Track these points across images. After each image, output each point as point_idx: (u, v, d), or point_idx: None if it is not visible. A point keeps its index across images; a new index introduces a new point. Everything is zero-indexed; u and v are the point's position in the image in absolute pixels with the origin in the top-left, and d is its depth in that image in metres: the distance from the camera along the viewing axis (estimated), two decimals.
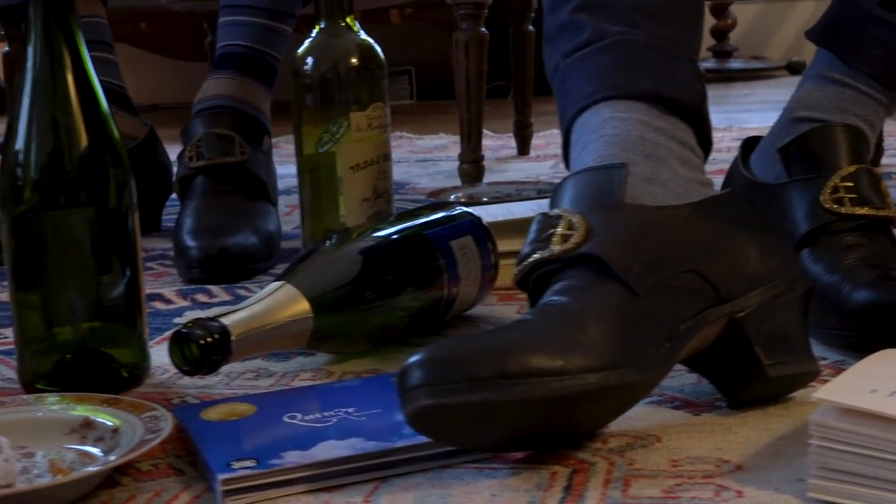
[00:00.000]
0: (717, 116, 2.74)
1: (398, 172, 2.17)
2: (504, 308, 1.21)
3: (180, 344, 0.95)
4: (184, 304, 1.29)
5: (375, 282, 1.05)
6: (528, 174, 2.09)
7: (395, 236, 1.08)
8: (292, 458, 0.80)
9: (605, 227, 0.84)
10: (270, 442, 0.83)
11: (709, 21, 3.49)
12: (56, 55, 0.98)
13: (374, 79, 1.19)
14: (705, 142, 0.97)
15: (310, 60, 1.18)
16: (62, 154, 0.98)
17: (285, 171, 1.80)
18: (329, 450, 0.81)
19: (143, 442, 0.81)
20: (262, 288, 1.33)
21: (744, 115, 2.77)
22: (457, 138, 2.55)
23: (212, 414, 0.89)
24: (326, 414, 0.88)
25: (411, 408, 0.76)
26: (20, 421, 0.88)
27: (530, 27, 2.26)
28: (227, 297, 1.31)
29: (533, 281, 0.87)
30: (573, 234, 0.84)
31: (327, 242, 1.07)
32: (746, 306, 0.86)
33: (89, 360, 1.01)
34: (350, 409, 0.88)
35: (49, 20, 0.98)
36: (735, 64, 3.39)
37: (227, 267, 1.38)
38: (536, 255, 0.85)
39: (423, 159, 2.31)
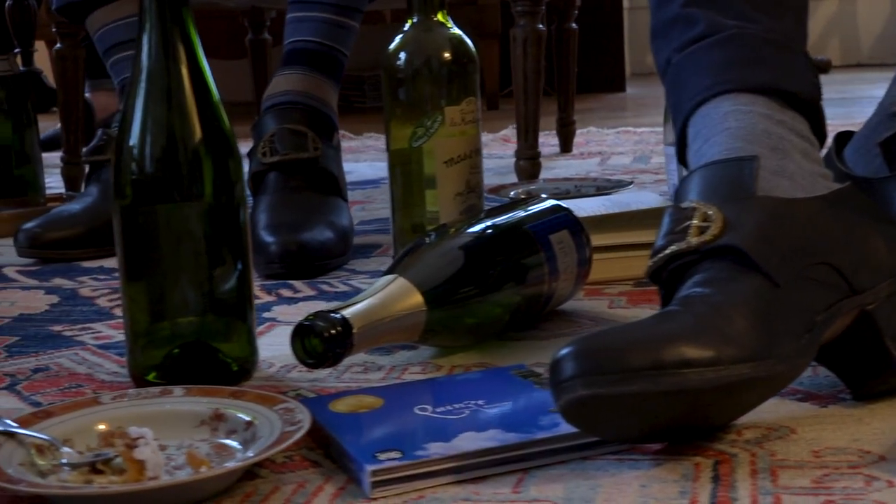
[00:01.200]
0: None
1: None
2: (595, 303, 1.21)
3: (302, 337, 0.95)
4: (269, 299, 1.29)
5: (483, 275, 1.05)
6: (576, 171, 2.09)
7: (497, 231, 1.08)
8: (436, 449, 0.80)
9: (741, 219, 0.84)
10: (411, 434, 0.83)
11: None
12: (170, 48, 0.98)
13: (466, 73, 1.19)
14: (820, 135, 0.97)
15: (402, 55, 1.18)
16: (177, 147, 0.98)
17: None
18: (471, 441, 0.81)
19: (286, 434, 0.81)
20: (340, 283, 1.34)
21: None
22: (492, 136, 2.56)
23: (340, 406, 0.89)
24: (457, 406, 0.88)
25: (567, 398, 0.76)
26: (147, 413, 0.88)
27: (573, 25, 2.27)
28: (310, 293, 1.31)
29: (668, 273, 0.87)
30: (710, 226, 0.84)
31: (428, 238, 1.07)
32: (877, 298, 0.87)
33: (198, 353, 1.01)
34: (480, 402, 0.89)
35: (164, 13, 0.98)
36: None
37: (306, 262, 1.38)
38: (673, 248, 0.85)
39: None
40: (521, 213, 1.13)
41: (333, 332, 0.94)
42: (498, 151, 2.36)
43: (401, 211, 1.21)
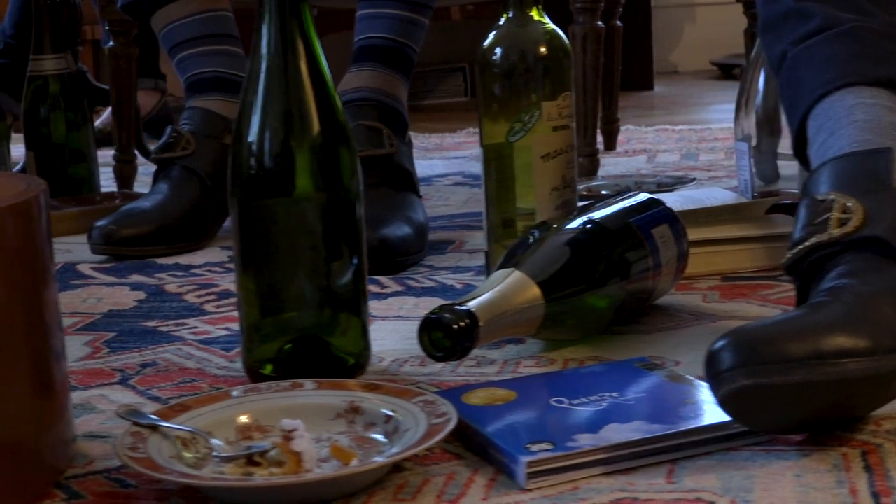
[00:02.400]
0: None
1: None
2: (687, 298, 1.21)
3: (429, 330, 0.95)
4: None
5: (595, 269, 1.05)
6: (625, 168, 2.09)
7: (605, 225, 1.09)
8: (585, 441, 0.80)
9: (881, 211, 0.85)
10: (558, 425, 0.83)
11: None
12: (289, 43, 0.98)
13: (562, 68, 1.19)
14: None
15: (498, 51, 1.19)
16: (295, 142, 0.98)
17: None
18: (619, 433, 0.81)
19: (436, 426, 0.81)
20: (424, 279, 1.34)
21: None
22: None
23: (474, 399, 0.89)
24: (593, 398, 0.88)
25: (728, 388, 0.76)
26: (283, 407, 0.88)
27: (618, 22, 2.27)
28: (398, 288, 1.31)
29: (807, 265, 0.87)
30: (850, 218, 0.85)
31: (532, 235, 1.07)
32: None
33: (312, 347, 1.01)
34: (614, 394, 0.89)
35: (283, 8, 0.98)
36: None
37: (388, 258, 1.38)
38: (814, 239, 0.86)
39: None
40: (622, 208, 1.13)
41: (462, 324, 0.94)
42: None
43: (496, 205, 1.21)
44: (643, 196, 1.18)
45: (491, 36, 1.20)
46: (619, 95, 2.30)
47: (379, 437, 0.84)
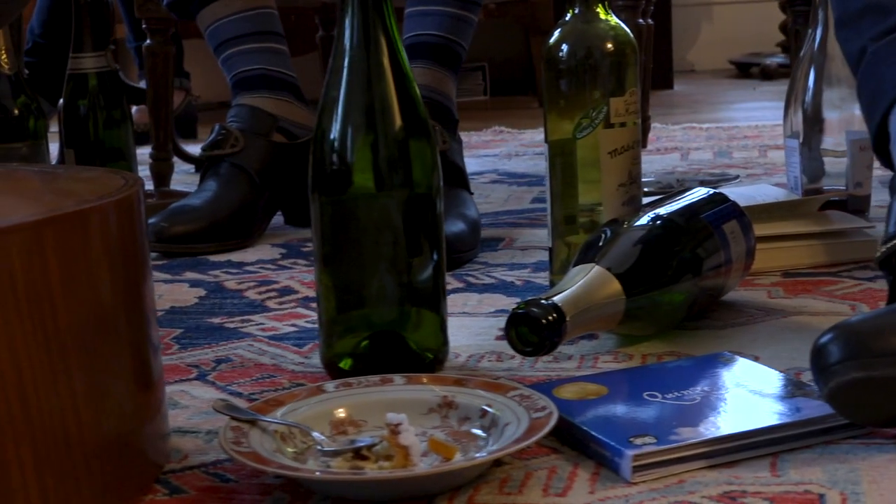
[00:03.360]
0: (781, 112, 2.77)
1: (524, 166, 2.18)
2: (751, 293, 1.22)
3: (515, 325, 0.95)
4: None
5: (671, 264, 1.05)
6: (661, 166, 2.10)
7: (679, 221, 1.09)
8: (687, 434, 0.80)
9: None
10: (658, 419, 0.83)
11: (779, 17, 3.50)
12: (372, 38, 0.98)
13: (629, 64, 1.19)
14: None
15: (565, 47, 1.18)
16: (378, 137, 0.98)
17: None
18: (718, 426, 0.81)
19: (539, 420, 0.81)
20: (483, 275, 1.34)
21: None
22: None
23: (566, 393, 0.89)
24: (685, 392, 0.88)
25: (837, 381, 0.76)
26: (374, 402, 0.88)
27: (649, 21, 2.27)
28: (458, 284, 1.31)
29: None
30: None
31: (605, 232, 1.07)
32: None
33: (389, 343, 1.01)
34: (706, 388, 0.89)
35: (366, 3, 0.98)
36: None
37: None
38: None
39: (542, 153, 2.31)
40: (692, 204, 1.14)
41: (550, 318, 0.94)
42: None
43: (561, 201, 1.21)
44: (707, 191, 1.18)
45: (556, 33, 1.20)
46: (649, 93, 2.31)
47: (478, 431, 0.84)
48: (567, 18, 1.21)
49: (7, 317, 0.68)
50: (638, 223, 1.08)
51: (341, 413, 0.86)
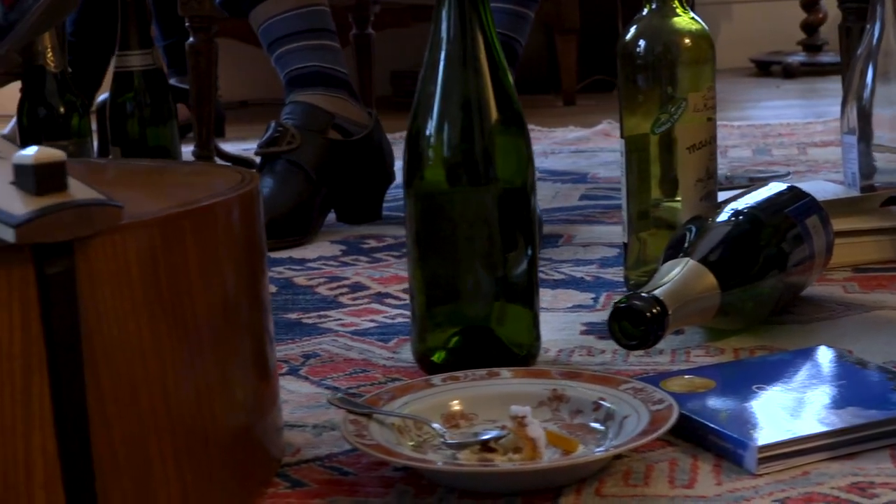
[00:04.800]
0: (809, 110, 2.78)
1: (563, 164, 2.18)
2: (827, 289, 1.22)
3: (618, 320, 0.95)
4: None
5: (764, 259, 1.05)
6: None
7: (766, 215, 1.09)
8: (808, 426, 0.81)
9: None
10: (774, 411, 0.84)
11: (799, 15, 3.51)
12: (468, 32, 0.98)
13: (707, 60, 1.19)
14: None
15: (642, 43, 1.19)
16: (474, 132, 0.98)
17: None
18: (837, 418, 0.82)
19: (660, 412, 0.81)
20: (551, 271, 1.34)
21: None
22: (584, 132, 2.55)
23: (673, 386, 0.89)
24: (794, 385, 0.89)
25: None
26: (484, 395, 0.88)
27: None
28: None
29: None
30: None
31: (690, 228, 1.07)
32: None
33: (481, 338, 1.01)
34: (814, 381, 0.89)
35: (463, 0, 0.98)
36: (825, 58, 3.41)
37: None
38: None
39: (578, 150, 2.32)
40: (772, 198, 1.14)
41: (654, 311, 0.94)
42: (602, 145, 2.37)
43: (636, 197, 1.21)
44: (785, 186, 1.18)
45: (632, 29, 1.20)
46: None
47: (596, 425, 0.84)
48: (643, 14, 1.21)
49: (152, 309, 0.69)
50: (723, 219, 1.08)
51: (456, 406, 0.87)
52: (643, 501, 0.76)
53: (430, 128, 0.98)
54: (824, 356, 0.95)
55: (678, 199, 1.19)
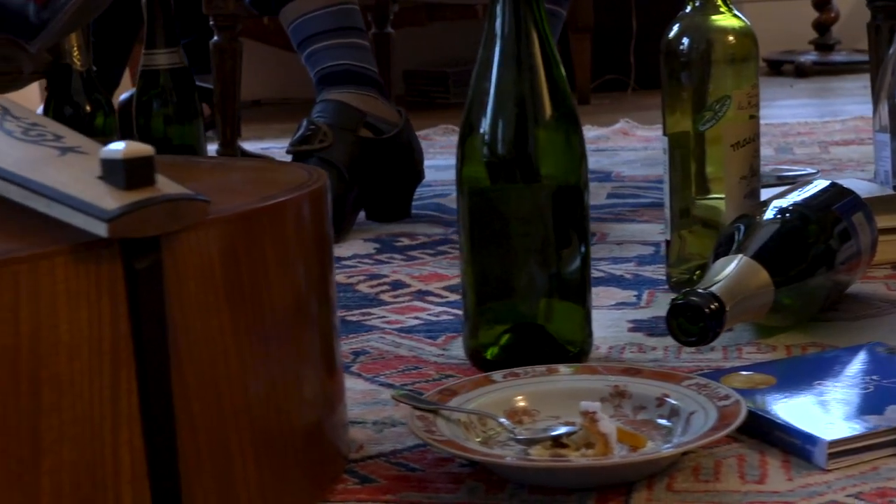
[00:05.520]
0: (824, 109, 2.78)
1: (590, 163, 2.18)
2: (870, 286, 1.22)
3: (676, 315, 0.95)
4: None
5: (814, 256, 1.06)
6: None
7: (815, 212, 1.09)
8: (875, 422, 0.81)
9: None
10: (839, 407, 0.84)
11: (811, 14, 3.51)
12: (523, 28, 0.98)
13: (750, 57, 1.19)
14: None
15: (685, 41, 1.19)
16: (529, 129, 0.98)
17: None
18: None
19: (729, 408, 0.81)
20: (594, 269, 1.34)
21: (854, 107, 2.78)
22: (603, 130, 2.55)
23: (734, 383, 0.89)
24: (855, 381, 0.89)
25: None
26: (546, 392, 0.89)
27: None
28: None
29: None
30: None
31: (739, 226, 1.07)
32: None
33: (532, 334, 1.01)
34: (874, 377, 0.89)
35: None
36: (838, 57, 3.42)
37: None
38: None
39: (599, 149, 2.31)
40: (819, 195, 1.14)
41: (713, 307, 0.94)
42: (621, 144, 2.37)
43: (679, 193, 1.21)
44: (829, 183, 1.18)
45: (676, 26, 1.20)
46: None
47: (663, 421, 0.84)
48: (687, 11, 1.21)
49: (233, 305, 0.69)
50: (771, 216, 1.09)
51: (521, 402, 0.87)
52: (716, 497, 0.76)
53: (485, 125, 0.98)
54: (878, 353, 0.95)
55: (714, 196, 1.19)
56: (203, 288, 0.67)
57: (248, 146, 2.36)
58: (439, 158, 2.24)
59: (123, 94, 2.39)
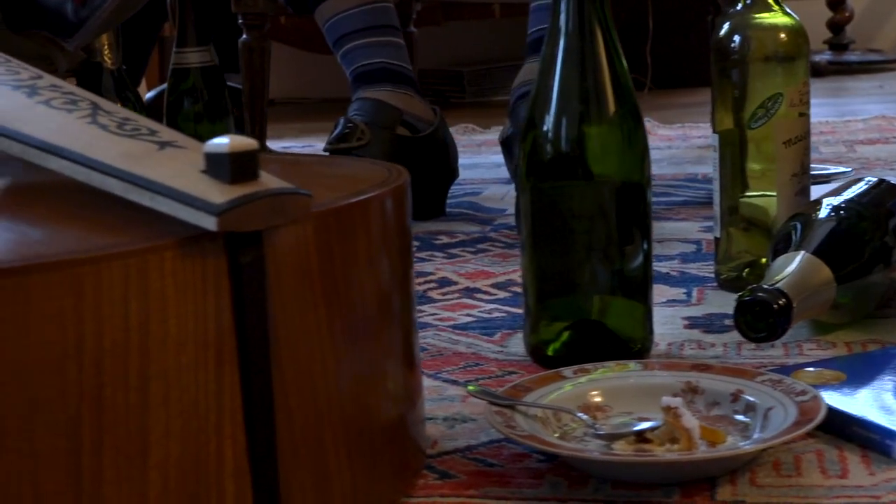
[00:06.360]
0: (843, 108, 2.79)
1: None
2: None
3: (743, 312, 0.95)
4: None
5: (873, 252, 1.06)
6: None
7: (873, 209, 1.10)
8: None
9: None
10: None
11: (825, 14, 3.52)
12: (587, 24, 0.98)
13: (801, 54, 1.20)
14: None
15: (737, 38, 1.19)
16: (593, 126, 0.98)
17: None
18: None
19: (808, 404, 0.81)
20: None
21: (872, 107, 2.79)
22: None
23: (805, 378, 0.89)
24: None
25: None
26: (619, 387, 0.89)
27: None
28: None
29: None
30: None
31: (795, 224, 1.08)
32: None
33: (593, 331, 1.01)
34: None
35: None
36: (852, 56, 3.42)
37: None
38: None
39: None
40: (870, 192, 1.14)
41: (780, 303, 0.94)
42: None
43: (729, 191, 1.22)
44: (875, 179, 1.19)
45: (727, 24, 1.21)
46: None
47: (741, 417, 0.84)
48: (737, 9, 1.21)
49: (329, 300, 0.69)
50: (825, 214, 1.09)
51: (596, 398, 0.87)
52: (801, 491, 0.76)
53: (548, 122, 0.99)
54: None
55: (761, 193, 1.19)
56: (301, 283, 0.67)
57: (269, 145, 2.36)
58: (462, 157, 2.24)
59: (149, 93, 2.39)
